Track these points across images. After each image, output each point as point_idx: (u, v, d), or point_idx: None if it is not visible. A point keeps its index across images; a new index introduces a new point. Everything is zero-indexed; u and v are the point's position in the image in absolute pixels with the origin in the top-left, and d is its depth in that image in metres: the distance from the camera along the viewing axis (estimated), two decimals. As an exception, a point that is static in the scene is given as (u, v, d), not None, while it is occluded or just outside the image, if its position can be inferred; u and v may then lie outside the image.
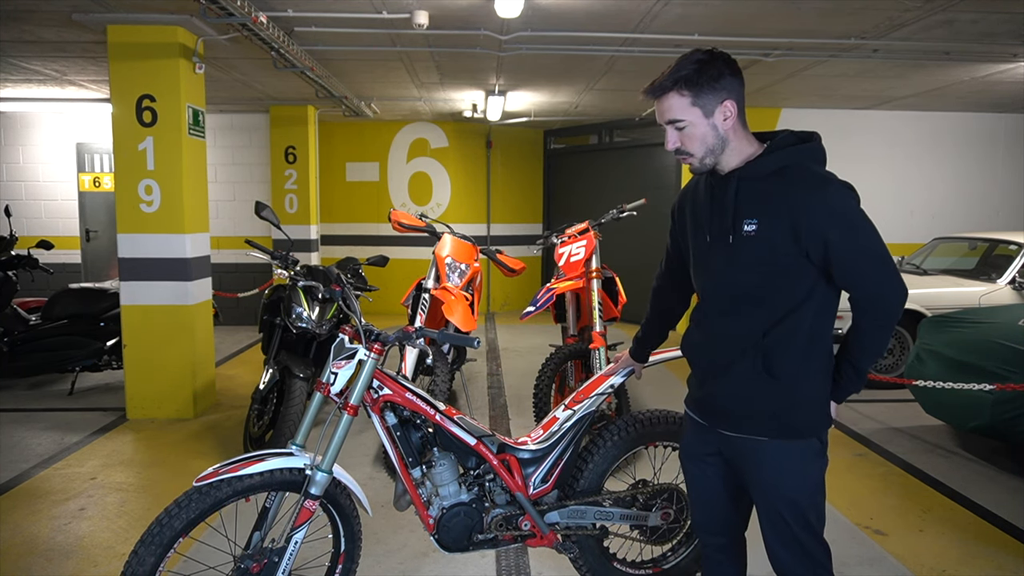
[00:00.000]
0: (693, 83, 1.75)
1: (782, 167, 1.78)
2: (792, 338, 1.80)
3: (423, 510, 2.39)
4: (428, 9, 4.47)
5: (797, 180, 1.76)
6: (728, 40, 5.13)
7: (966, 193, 8.52)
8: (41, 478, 4.01)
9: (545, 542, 2.50)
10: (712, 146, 1.80)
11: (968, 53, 5.46)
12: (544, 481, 2.48)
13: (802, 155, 1.80)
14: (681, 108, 1.77)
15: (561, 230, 4.68)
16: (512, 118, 9.03)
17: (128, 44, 4.82)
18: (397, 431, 2.34)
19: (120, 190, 4.96)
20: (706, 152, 1.81)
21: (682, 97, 1.77)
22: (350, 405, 2.23)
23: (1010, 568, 3.09)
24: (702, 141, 1.79)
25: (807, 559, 1.87)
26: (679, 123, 1.79)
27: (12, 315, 5.61)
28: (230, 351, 7.46)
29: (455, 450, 2.41)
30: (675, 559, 2.76)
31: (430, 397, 2.38)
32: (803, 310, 1.80)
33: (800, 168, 1.78)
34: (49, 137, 8.81)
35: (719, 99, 1.77)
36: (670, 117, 1.79)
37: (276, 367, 4.20)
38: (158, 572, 2.03)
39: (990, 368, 4.00)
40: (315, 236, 8.80)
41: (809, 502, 1.86)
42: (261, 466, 2.15)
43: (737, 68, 1.81)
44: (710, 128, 1.78)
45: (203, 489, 2.09)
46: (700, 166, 1.84)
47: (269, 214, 4.17)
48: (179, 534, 2.05)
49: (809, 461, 1.86)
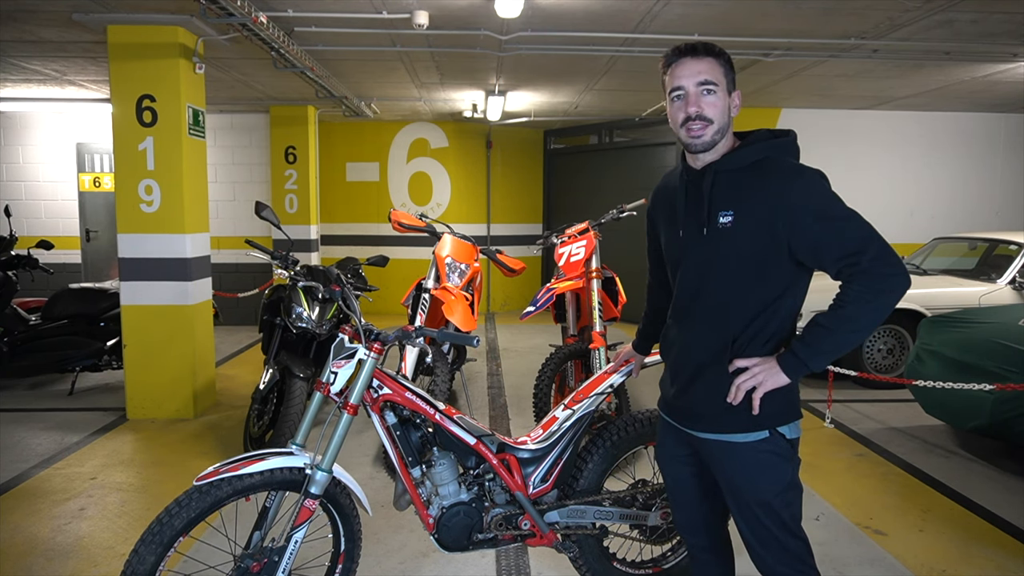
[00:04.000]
0: (725, 59, 1.85)
1: (758, 160, 1.82)
2: (760, 336, 1.84)
3: (423, 509, 2.40)
4: (428, 9, 4.47)
5: (772, 171, 1.80)
6: (728, 40, 5.13)
7: (966, 193, 8.52)
8: (41, 478, 4.01)
9: (545, 541, 2.50)
10: (724, 124, 1.83)
11: (968, 53, 5.46)
12: (544, 481, 2.49)
13: (777, 149, 1.85)
14: (715, 71, 1.81)
15: (561, 230, 4.69)
16: (512, 118, 9.03)
17: (128, 44, 4.83)
18: (397, 430, 2.34)
19: (120, 190, 4.96)
20: (721, 125, 1.83)
21: (719, 61, 1.83)
22: (350, 404, 2.23)
23: (1010, 568, 3.09)
24: (721, 112, 1.82)
25: (787, 556, 1.89)
26: (711, 85, 1.80)
27: (12, 315, 5.61)
28: (230, 351, 7.46)
29: (455, 449, 2.41)
30: (675, 558, 2.76)
31: (430, 397, 2.38)
32: (775, 307, 1.83)
33: (775, 160, 1.82)
34: (49, 137, 8.81)
35: (734, 86, 1.87)
36: (706, 77, 1.80)
37: (276, 367, 4.20)
38: (158, 571, 2.03)
39: (990, 368, 4.00)
40: (315, 236, 8.80)
41: (781, 501, 1.87)
42: (261, 465, 2.15)
43: None
44: (727, 106, 1.84)
45: (203, 488, 2.09)
46: (710, 139, 1.82)
47: (269, 214, 4.17)
48: (179, 533, 2.05)
49: (778, 461, 1.87)
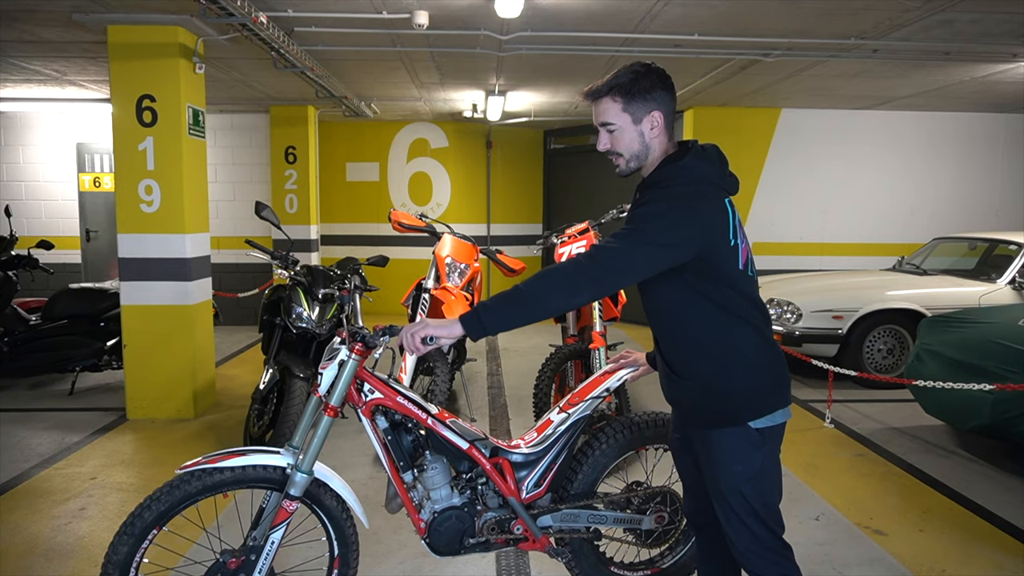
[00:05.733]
0: (626, 91, 1.93)
1: (658, 180, 1.95)
2: (681, 341, 1.99)
3: (414, 513, 2.37)
4: (428, 9, 4.47)
5: (653, 188, 1.94)
6: (728, 40, 5.14)
7: (966, 193, 8.52)
8: (41, 478, 4.01)
9: (537, 546, 2.48)
10: (637, 151, 1.97)
11: (968, 53, 5.46)
12: (537, 485, 2.46)
13: (670, 172, 1.94)
14: (613, 112, 1.96)
15: (561, 230, 4.69)
16: (512, 118, 9.03)
17: (128, 44, 4.83)
18: (388, 435, 2.32)
19: (120, 190, 4.96)
20: (631, 156, 1.98)
21: (615, 103, 1.95)
22: (330, 406, 2.21)
23: (1010, 568, 3.09)
24: (629, 145, 1.97)
25: (758, 544, 1.97)
26: (610, 126, 1.97)
27: (12, 315, 5.61)
28: (230, 351, 7.46)
29: (447, 454, 2.39)
30: (672, 558, 2.75)
31: (422, 400, 2.35)
32: (683, 316, 1.96)
33: (666, 180, 1.93)
34: (49, 137, 8.81)
35: (648, 109, 1.94)
36: (603, 120, 1.97)
37: (276, 367, 4.20)
38: (134, 562, 2.09)
39: (990, 368, 4.00)
40: (315, 236, 8.80)
41: (752, 490, 1.95)
42: (237, 461, 2.16)
43: (670, 84, 1.97)
44: (637, 134, 1.96)
45: (174, 483, 2.13)
46: (626, 168, 2.01)
47: (269, 214, 4.17)
48: (151, 526, 2.10)
49: (745, 450, 1.95)
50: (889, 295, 6.01)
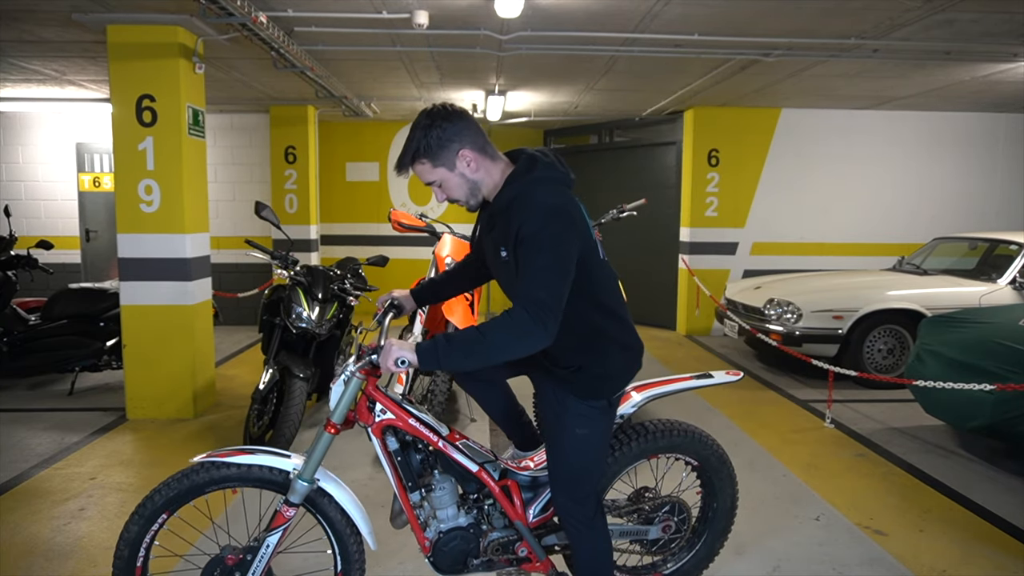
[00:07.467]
0: (426, 150, 2.02)
1: (511, 199, 2.01)
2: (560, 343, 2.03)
3: (419, 531, 2.35)
4: (428, 9, 4.47)
5: (517, 211, 1.98)
6: (728, 40, 5.14)
7: (966, 193, 8.52)
8: (41, 478, 4.01)
9: (541, 568, 2.46)
10: (469, 190, 2.09)
11: (968, 53, 5.45)
12: (544, 510, 2.44)
13: (527, 185, 2.01)
14: (428, 172, 2.06)
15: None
16: (512, 118, 9.03)
17: (128, 44, 4.82)
18: (398, 456, 2.29)
19: (120, 190, 4.96)
20: (467, 195, 2.10)
21: (423, 164, 2.05)
22: (330, 423, 2.17)
23: (1010, 568, 3.09)
24: (459, 189, 2.08)
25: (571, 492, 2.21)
26: (434, 183, 2.08)
27: (12, 315, 5.61)
28: (230, 351, 7.46)
29: (456, 474, 2.37)
30: (676, 563, 2.72)
31: (434, 421, 2.31)
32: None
33: (522, 198, 1.99)
34: (49, 137, 8.80)
35: (454, 152, 2.02)
36: (425, 180, 2.08)
37: (276, 367, 4.20)
38: (144, 542, 2.18)
39: (990, 368, 4.00)
40: (315, 236, 8.80)
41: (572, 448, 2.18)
42: (244, 459, 2.18)
43: (459, 114, 2.03)
44: (459, 177, 2.06)
45: (186, 471, 2.19)
46: (474, 205, 2.13)
47: (269, 214, 4.17)
48: (161, 510, 2.17)
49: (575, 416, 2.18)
50: (889, 295, 6.01)
